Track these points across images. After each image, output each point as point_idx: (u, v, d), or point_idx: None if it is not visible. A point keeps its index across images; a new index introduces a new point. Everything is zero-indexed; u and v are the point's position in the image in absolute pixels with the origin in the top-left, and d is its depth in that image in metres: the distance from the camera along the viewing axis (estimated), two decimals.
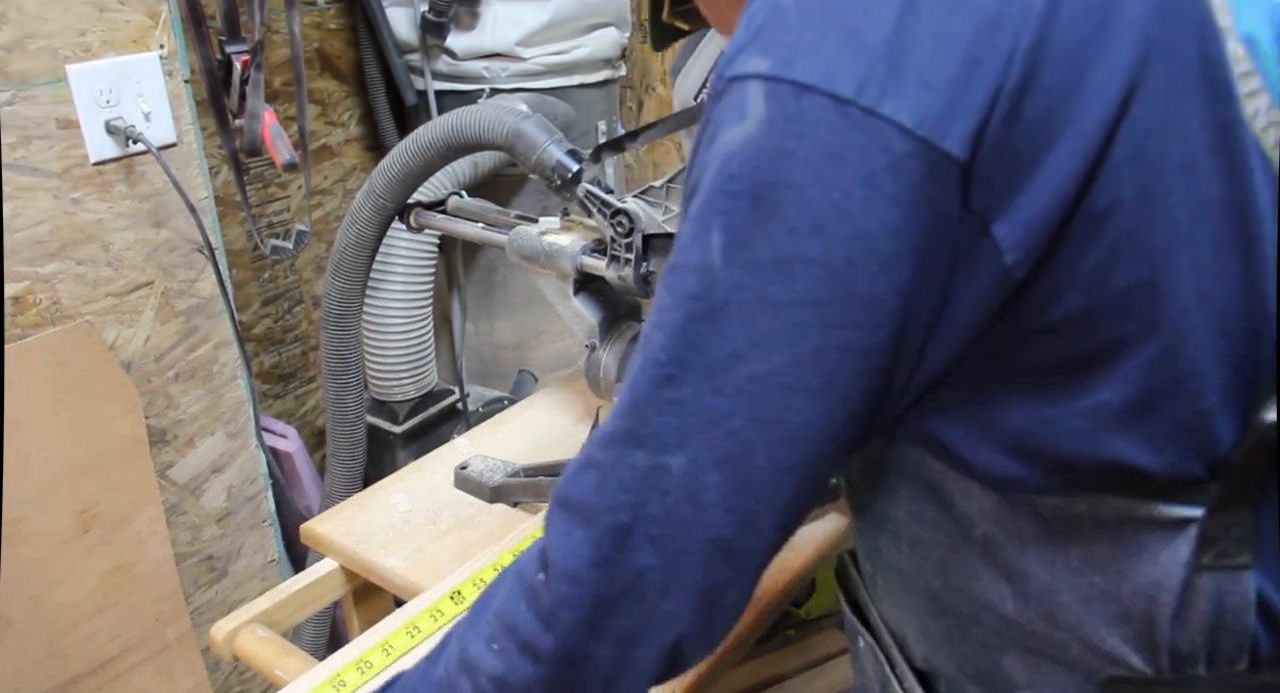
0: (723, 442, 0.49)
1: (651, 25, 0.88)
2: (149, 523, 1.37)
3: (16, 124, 1.17)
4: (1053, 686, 0.59)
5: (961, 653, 0.63)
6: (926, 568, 0.62)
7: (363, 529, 1.11)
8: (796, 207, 0.46)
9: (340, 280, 1.38)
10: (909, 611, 0.67)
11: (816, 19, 0.47)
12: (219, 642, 0.99)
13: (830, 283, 0.46)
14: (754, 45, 0.48)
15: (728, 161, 0.47)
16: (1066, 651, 0.57)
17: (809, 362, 0.48)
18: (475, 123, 1.22)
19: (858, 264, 0.46)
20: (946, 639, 0.64)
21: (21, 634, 1.25)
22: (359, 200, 1.33)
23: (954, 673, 0.65)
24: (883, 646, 0.69)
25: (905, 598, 0.66)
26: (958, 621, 0.62)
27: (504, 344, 2.04)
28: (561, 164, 1.16)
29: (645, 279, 1.10)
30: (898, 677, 0.67)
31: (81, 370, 1.26)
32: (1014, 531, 0.56)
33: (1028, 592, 0.57)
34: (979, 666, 0.62)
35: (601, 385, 1.16)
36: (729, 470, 0.50)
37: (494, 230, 1.26)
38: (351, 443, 1.48)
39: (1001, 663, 0.61)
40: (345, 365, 1.43)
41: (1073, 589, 0.56)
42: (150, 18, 1.28)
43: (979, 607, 0.60)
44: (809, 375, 0.48)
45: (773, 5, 0.48)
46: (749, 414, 0.49)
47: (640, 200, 1.10)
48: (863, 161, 0.45)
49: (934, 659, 0.66)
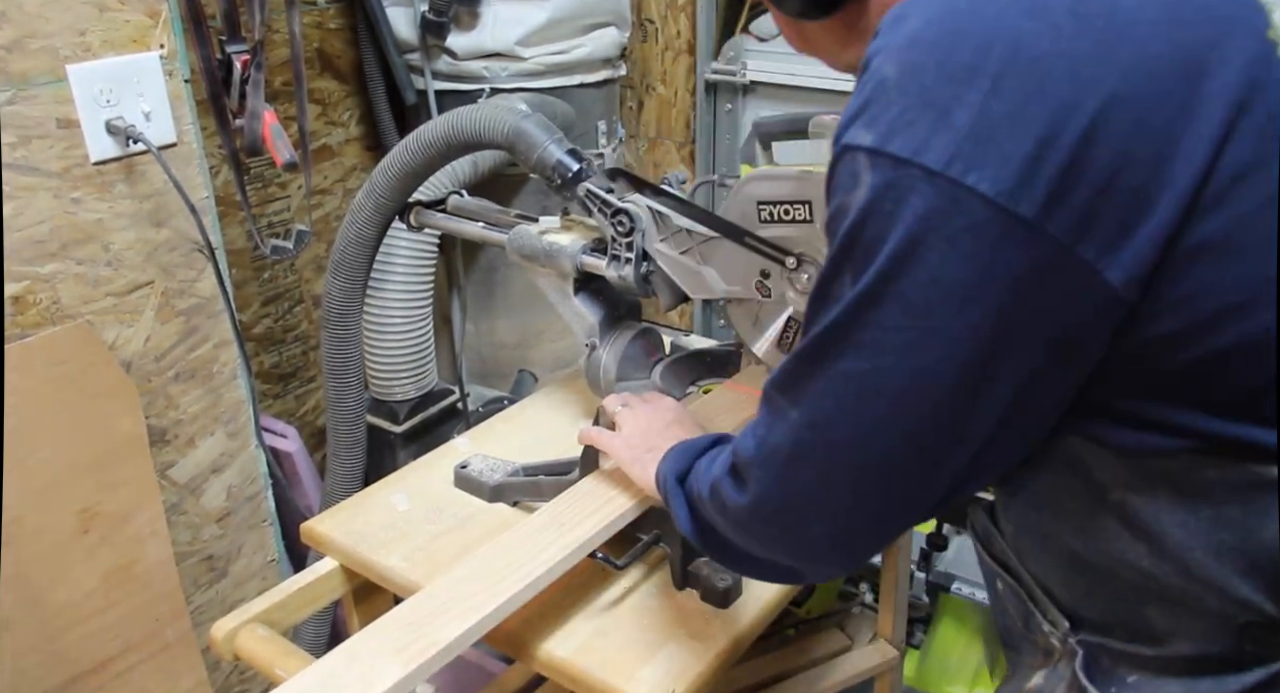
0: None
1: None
2: (149, 523, 1.36)
3: (17, 124, 1.17)
4: (1193, 632, 0.65)
5: (1104, 605, 0.70)
6: (1067, 531, 0.69)
7: (363, 529, 1.11)
8: (890, 258, 0.56)
9: (341, 279, 1.38)
10: (1052, 568, 0.73)
11: (914, 99, 0.55)
12: (219, 641, 0.99)
13: (909, 315, 0.57)
14: (861, 119, 0.57)
15: (847, 222, 0.58)
16: (1203, 601, 0.63)
17: (886, 372, 0.59)
18: (475, 122, 1.22)
19: (933, 304, 0.56)
20: (1089, 593, 0.70)
21: (21, 634, 1.25)
22: (359, 199, 1.33)
23: (1098, 621, 0.71)
24: (1024, 585, 0.76)
25: (1047, 558, 0.73)
26: (1098, 577, 0.68)
27: (504, 344, 2.04)
28: (562, 163, 1.16)
29: (645, 278, 1.10)
30: (1040, 610, 0.74)
31: (81, 370, 1.26)
32: (1148, 496, 0.62)
33: (1163, 549, 0.63)
34: (1121, 616, 0.69)
35: (601, 384, 1.16)
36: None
37: (494, 229, 1.26)
38: (351, 442, 1.48)
39: (1144, 613, 0.67)
40: (345, 365, 1.43)
41: (1205, 547, 0.62)
42: (150, 17, 1.28)
43: (1118, 564, 0.66)
44: (884, 381, 0.59)
45: (879, 81, 0.57)
46: (841, 402, 0.61)
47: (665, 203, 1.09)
48: (945, 223, 0.54)
49: (1079, 609, 0.72)
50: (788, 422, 0.64)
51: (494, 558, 0.92)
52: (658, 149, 2.28)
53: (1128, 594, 0.67)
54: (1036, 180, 0.53)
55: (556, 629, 0.96)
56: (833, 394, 0.61)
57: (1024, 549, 0.76)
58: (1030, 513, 0.72)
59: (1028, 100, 0.54)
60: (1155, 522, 0.63)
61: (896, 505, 0.65)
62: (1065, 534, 0.69)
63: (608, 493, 1.01)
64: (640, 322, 1.20)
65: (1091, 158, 0.53)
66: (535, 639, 0.95)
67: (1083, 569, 0.69)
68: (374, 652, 0.81)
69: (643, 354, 1.17)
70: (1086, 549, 0.68)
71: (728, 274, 1.04)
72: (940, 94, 0.55)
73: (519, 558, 0.92)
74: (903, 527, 0.69)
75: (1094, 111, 0.53)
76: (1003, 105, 0.54)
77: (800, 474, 0.65)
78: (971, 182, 0.53)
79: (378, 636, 0.83)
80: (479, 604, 0.86)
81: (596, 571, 1.01)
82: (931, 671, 1.93)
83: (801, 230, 0.97)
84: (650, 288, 1.11)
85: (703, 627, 0.96)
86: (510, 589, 0.88)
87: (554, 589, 0.95)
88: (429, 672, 0.81)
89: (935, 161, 0.54)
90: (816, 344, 0.61)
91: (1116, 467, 0.63)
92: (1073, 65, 0.54)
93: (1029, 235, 0.54)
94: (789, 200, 0.96)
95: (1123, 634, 0.69)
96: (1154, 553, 0.64)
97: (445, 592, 0.88)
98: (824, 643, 1.43)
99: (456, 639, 0.83)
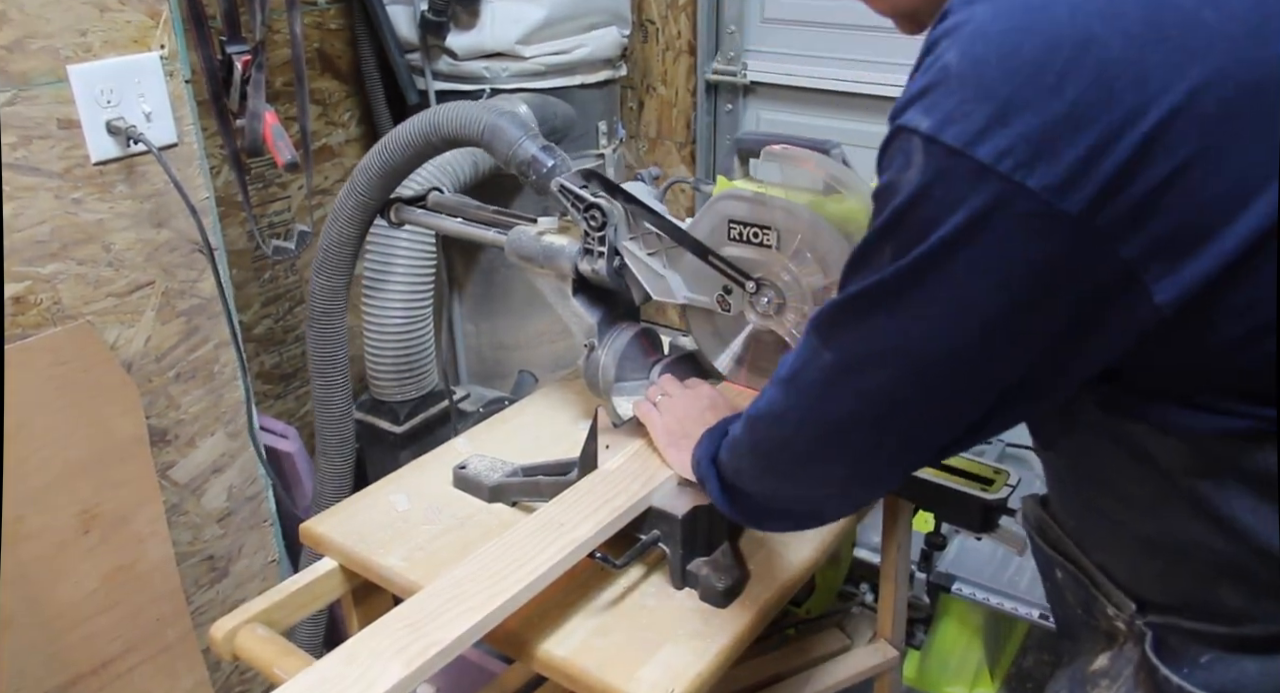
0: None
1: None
2: (149, 523, 1.37)
3: (17, 124, 1.17)
4: (1269, 611, 0.66)
5: (1175, 586, 0.71)
6: (1137, 517, 0.70)
7: (362, 529, 1.11)
8: (935, 242, 0.58)
9: (324, 279, 1.38)
10: (1119, 554, 0.75)
11: (974, 91, 0.56)
12: (218, 641, 0.99)
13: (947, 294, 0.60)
14: (920, 103, 0.58)
15: (896, 200, 0.60)
16: (1278, 578, 0.64)
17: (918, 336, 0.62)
18: (452, 119, 1.22)
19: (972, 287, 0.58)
20: (1160, 577, 0.72)
21: (22, 634, 1.25)
22: (341, 198, 1.34)
23: (1167, 602, 0.72)
24: (1085, 572, 0.78)
25: (1115, 544, 0.75)
26: (1171, 559, 0.69)
27: (504, 344, 2.04)
28: (536, 159, 1.16)
29: (618, 272, 1.11)
30: (1104, 595, 0.76)
31: (82, 370, 1.26)
32: (1215, 482, 0.63)
33: (1234, 531, 0.64)
34: (1194, 596, 0.70)
35: (600, 385, 1.16)
36: None
37: (473, 225, 1.27)
38: (339, 441, 1.48)
39: (1217, 593, 0.67)
40: (332, 363, 1.44)
41: (1277, 532, 0.62)
42: (151, 18, 1.28)
43: (1190, 546, 0.67)
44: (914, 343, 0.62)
45: (942, 67, 0.58)
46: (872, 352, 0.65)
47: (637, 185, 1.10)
48: (991, 215, 0.56)
49: (1147, 592, 0.73)
50: (821, 361, 0.69)
51: (494, 558, 0.92)
52: (658, 149, 2.29)
53: (1201, 575, 0.68)
54: (1086, 180, 0.54)
55: (556, 629, 0.96)
56: (865, 345, 0.65)
57: (1088, 537, 0.78)
58: (1100, 500, 0.73)
59: (1090, 104, 0.54)
60: (1225, 506, 0.63)
61: (910, 448, 0.70)
62: (1135, 521, 0.70)
63: (607, 493, 1.01)
64: (639, 322, 1.20)
65: (1149, 167, 0.54)
66: (535, 639, 0.95)
67: (1154, 553, 0.70)
68: (374, 652, 0.81)
69: (641, 354, 1.17)
70: (1159, 533, 0.69)
71: (691, 283, 1.07)
72: (1000, 89, 0.55)
73: (519, 558, 0.92)
74: (914, 467, 0.74)
75: (1156, 122, 0.53)
76: (1062, 106, 0.54)
77: (829, 409, 0.70)
78: (1020, 177, 0.54)
79: (378, 636, 0.83)
80: (479, 604, 0.86)
81: (596, 570, 1.01)
82: (932, 671, 1.93)
83: (765, 255, 0.99)
84: (623, 281, 1.12)
85: (701, 627, 0.96)
86: (510, 589, 0.88)
87: (553, 589, 0.95)
88: (429, 672, 0.81)
89: (987, 155, 0.55)
90: (856, 298, 0.65)
91: (1182, 453, 0.64)
92: (1141, 73, 0.54)
93: (1073, 231, 0.55)
94: (759, 224, 0.99)
95: (1194, 614, 0.70)
96: (1226, 536, 0.64)
97: (445, 592, 0.88)
98: (824, 643, 1.43)
99: (457, 640, 0.83)
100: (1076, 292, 0.58)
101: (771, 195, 0.97)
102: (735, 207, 1.00)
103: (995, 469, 1.08)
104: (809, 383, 0.71)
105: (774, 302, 1.00)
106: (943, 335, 0.61)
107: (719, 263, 1.01)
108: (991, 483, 1.06)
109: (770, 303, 1.01)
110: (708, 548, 1.02)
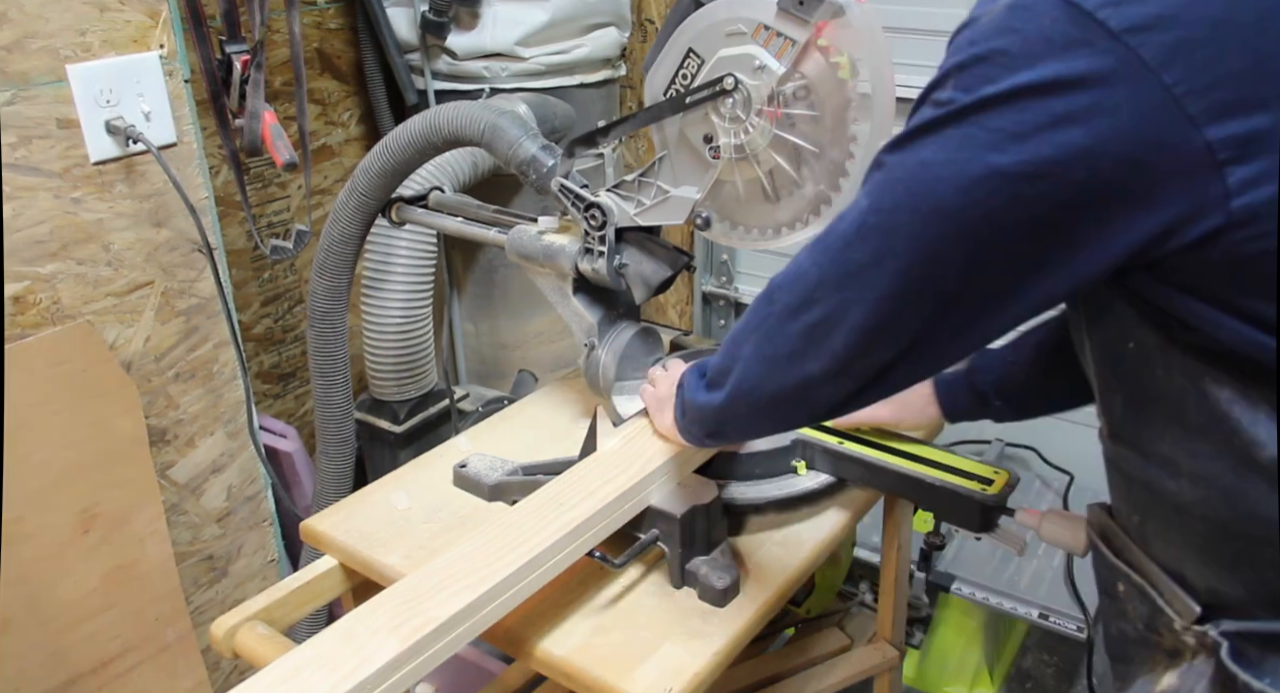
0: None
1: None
2: (149, 523, 1.37)
3: (17, 124, 1.17)
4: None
5: (1253, 576, 0.68)
6: (1210, 498, 0.67)
7: (362, 527, 1.11)
8: (1004, 75, 0.58)
9: (326, 279, 1.38)
10: (1187, 546, 0.71)
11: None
12: (218, 639, 0.99)
13: (1003, 127, 0.59)
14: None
15: (970, 32, 0.61)
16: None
17: (961, 164, 0.61)
18: (452, 119, 1.22)
19: (1030, 122, 0.58)
20: (1235, 565, 0.68)
21: (22, 634, 1.25)
22: (341, 198, 1.34)
23: (1243, 598, 0.69)
24: (1150, 579, 0.74)
25: (1182, 535, 0.71)
26: (1247, 544, 0.66)
27: (504, 344, 2.04)
28: (536, 159, 1.16)
29: (618, 271, 1.11)
30: (1168, 601, 0.72)
31: (82, 370, 1.26)
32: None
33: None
34: (1274, 586, 0.66)
35: (600, 384, 1.16)
36: None
37: (474, 225, 1.27)
38: (340, 440, 1.48)
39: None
40: (333, 363, 1.44)
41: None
42: (150, 17, 1.28)
43: (1271, 528, 0.64)
44: (954, 173, 0.61)
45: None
46: (909, 188, 0.64)
47: (614, 193, 1.11)
48: (1067, 46, 0.56)
49: (1220, 589, 0.70)
50: (857, 209, 0.68)
51: (492, 538, 0.92)
52: None
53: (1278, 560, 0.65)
54: (1168, 28, 0.54)
55: (554, 628, 0.96)
56: (903, 181, 0.64)
57: (1153, 534, 0.75)
58: (1167, 484, 0.70)
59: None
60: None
61: (920, 308, 0.67)
62: (1209, 501, 0.67)
63: (607, 473, 1.00)
64: (639, 321, 1.20)
65: (1231, 20, 0.54)
66: (533, 637, 0.95)
67: (1226, 539, 0.68)
68: (370, 629, 0.81)
69: (642, 354, 1.17)
70: (1235, 515, 0.66)
71: (688, 176, 1.07)
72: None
73: (516, 538, 0.91)
74: (904, 346, 0.70)
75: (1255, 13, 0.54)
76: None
77: (854, 255, 0.68)
78: (1103, 16, 0.55)
79: (373, 613, 0.83)
80: (475, 583, 0.86)
81: (594, 569, 1.01)
82: (931, 671, 1.93)
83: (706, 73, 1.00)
84: (623, 280, 1.12)
85: (700, 626, 0.96)
86: (507, 568, 0.87)
87: (552, 588, 0.95)
88: (425, 650, 0.81)
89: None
90: (903, 138, 0.64)
91: (1269, 421, 0.62)
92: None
93: (1144, 79, 0.55)
94: (676, 67, 1.01)
95: (1272, 610, 0.67)
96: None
97: (442, 570, 0.88)
98: (823, 643, 1.43)
99: (452, 617, 0.82)
100: (1137, 139, 0.57)
101: None
102: (655, 76, 1.03)
103: (995, 469, 1.08)
104: (839, 237, 0.69)
105: (740, 100, 0.99)
106: (986, 162, 0.60)
107: (694, 96, 1.01)
108: (991, 483, 1.06)
109: (736, 104, 0.99)
110: (707, 547, 1.02)
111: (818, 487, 1.12)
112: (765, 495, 1.10)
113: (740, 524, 1.10)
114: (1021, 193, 0.59)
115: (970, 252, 0.63)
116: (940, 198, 0.62)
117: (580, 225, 1.11)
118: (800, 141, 0.99)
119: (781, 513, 1.11)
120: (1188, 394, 0.65)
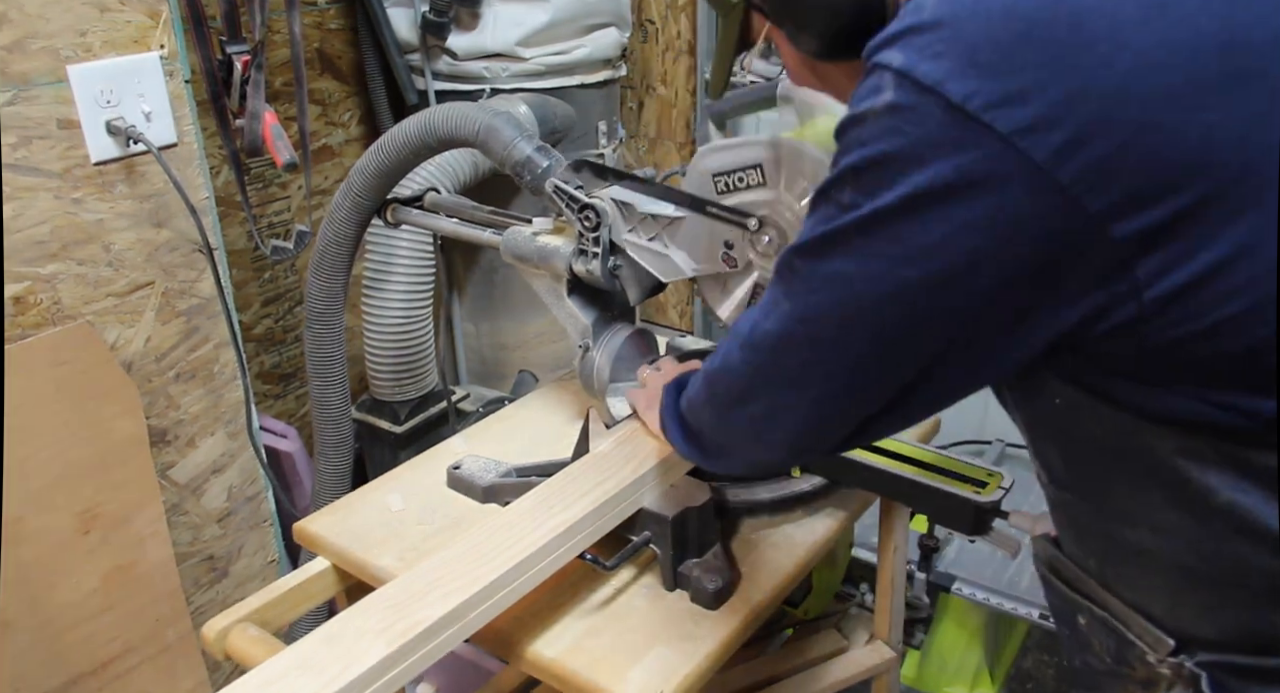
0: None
1: (715, 77, 0.92)
2: (149, 523, 1.37)
3: (17, 124, 1.18)
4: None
5: (1225, 619, 0.66)
6: (1174, 547, 0.65)
7: (355, 529, 1.11)
8: (899, 180, 0.58)
9: (322, 279, 1.38)
10: (1155, 591, 0.69)
11: (948, 33, 0.57)
12: (211, 640, 0.99)
13: (907, 234, 0.58)
14: (898, 44, 0.59)
15: (859, 131, 0.60)
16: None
17: (875, 278, 0.61)
18: (447, 120, 1.22)
19: (932, 229, 0.57)
20: (1206, 609, 0.67)
21: (22, 635, 1.26)
22: (337, 199, 1.34)
23: (1216, 638, 0.67)
24: (1116, 615, 0.72)
25: (1149, 579, 0.69)
26: (1218, 589, 0.65)
27: (504, 344, 2.04)
28: (531, 160, 1.16)
29: (612, 273, 1.11)
30: (1137, 636, 0.70)
31: (82, 371, 1.27)
32: (1259, 495, 0.60)
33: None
34: (1248, 627, 0.65)
35: (595, 386, 1.17)
36: None
37: (469, 226, 1.27)
38: (338, 441, 1.48)
39: (1274, 621, 0.63)
40: (329, 364, 1.44)
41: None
42: (151, 18, 1.28)
43: (1241, 571, 0.62)
44: (870, 287, 0.62)
45: (916, 7, 0.59)
46: (832, 298, 0.65)
47: (621, 186, 1.10)
48: (956, 152, 0.55)
49: (1192, 629, 0.68)
50: (780, 311, 0.68)
51: (482, 540, 0.91)
52: (658, 149, 2.29)
53: (1256, 601, 0.63)
54: (1055, 129, 0.53)
55: (546, 630, 0.96)
56: (823, 292, 0.65)
57: (1118, 577, 0.72)
58: (1126, 533, 0.68)
59: (1063, 49, 0.54)
60: (1272, 518, 0.59)
61: (856, 402, 0.69)
62: (1173, 550, 0.65)
63: (599, 476, 1.00)
64: (634, 323, 1.20)
65: (1119, 117, 0.53)
66: (524, 639, 0.95)
67: (1196, 586, 0.66)
68: (357, 632, 0.81)
69: (637, 355, 1.18)
70: (1201, 561, 0.64)
71: (695, 253, 1.06)
72: (974, 33, 0.56)
73: (507, 540, 0.91)
74: (851, 429, 0.71)
75: (1126, 71, 0.53)
76: (1035, 55, 0.54)
77: (784, 360, 0.70)
78: (989, 119, 0.54)
79: (362, 615, 0.83)
80: (464, 585, 0.85)
81: (586, 572, 1.01)
82: (931, 671, 1.93)
83: (759, 194, 0.97)
84: (617, 281, 1.11)
85: (692, 628, 0.96)
86: (497, 571, 0.87)
87: (543, 590, 0.95)
88: (414, 653, 0.81)
89: (956, 93, 0.55)
90: (814, 243, 0.64)
91: (1218, 466, 0.60)
92: (1114, 23, 0.54)
93: (1038, 181, 0.54)
94: (740, 167, 0.97)
95: (1249, 647, 0.65)
96: (1273, 550, 0.60)
97: (432, 572, 0.87)
98: (820, 644, 1.43)
99: (441, 619, 0.82)
100: (1039, 243, 0.56)
101: (748, 137, 0.97)
102: (713, 158, 0.99)
103: (989, 472, 1.08)
104: (766, 336, 0.71)
105: (775, 240, 0.98)
106: (897, 277, 0.60)
107: (718, 211, 1.00)
108: (985, 486, 1.06)
109: (772, 242, 0.98)
110: (699, 550, 1.02)
111: (811, 489, 1.12)
112: (759, 497, 1.10)
113: (734, 526, 1.10)
114: (937, 301, 0.60)
115: (895, 355, 0.64)
116: (862, 309, 0.63)
117: (574, 227, 1.11)
118: None
119: (775, 515, 1.11)
120: (1128, 447, 0.63)
